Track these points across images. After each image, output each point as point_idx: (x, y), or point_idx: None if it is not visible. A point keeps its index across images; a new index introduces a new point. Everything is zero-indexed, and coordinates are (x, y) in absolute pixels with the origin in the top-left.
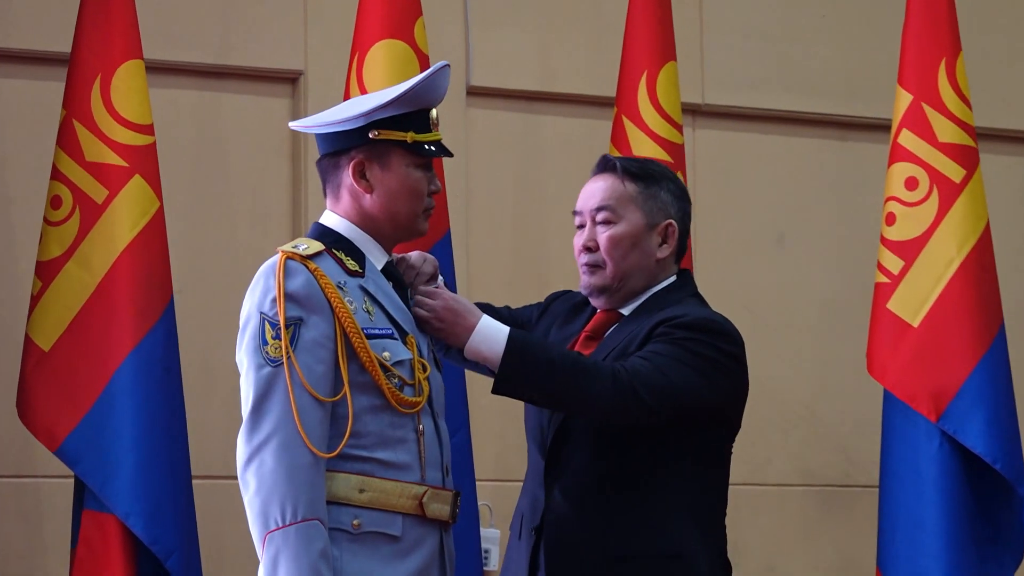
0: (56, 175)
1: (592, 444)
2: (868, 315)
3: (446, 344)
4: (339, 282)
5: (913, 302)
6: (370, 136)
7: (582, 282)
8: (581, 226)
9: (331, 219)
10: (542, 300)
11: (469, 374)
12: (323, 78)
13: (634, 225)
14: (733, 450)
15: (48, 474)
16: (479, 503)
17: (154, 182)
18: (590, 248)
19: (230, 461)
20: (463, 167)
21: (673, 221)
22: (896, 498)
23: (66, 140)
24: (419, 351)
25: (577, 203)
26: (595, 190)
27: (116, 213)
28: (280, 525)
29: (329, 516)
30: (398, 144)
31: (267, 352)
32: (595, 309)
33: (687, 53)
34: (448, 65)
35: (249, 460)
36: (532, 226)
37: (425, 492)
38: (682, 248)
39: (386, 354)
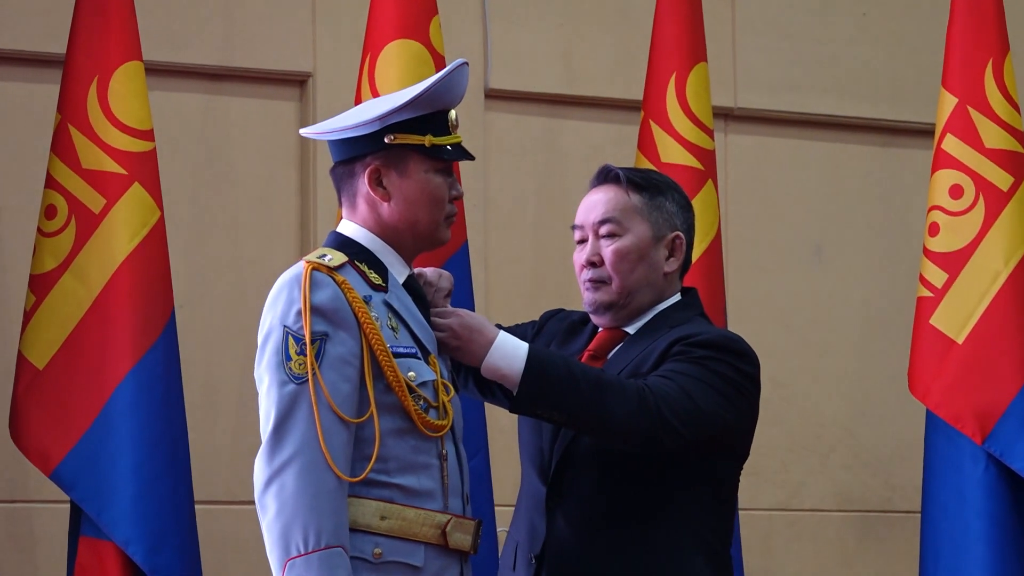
0: (51, 183)
1: (599, 470)
2: (910, 331)
3: (462, 364)
4: (364, 296)
5: (958, 317)
6: (385, 141)
7: (586, 299)
8: (582, 241)
9: (349, 228)
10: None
11: None
12: (333, 80)
13: (640, 238)
14: (768, 475)
15: (42, 499)
16: (498, 530)
17: (154, 190)
18: (594, 263)
19: (235, 486)
20: (481, 174)
21: (680, 233)
22: (939, 524)
23: (61, 146)
24: (441, 372)
25: (577, 217)
26: (597, 202)
27: (114, 223)
28: (302, 552)
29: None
30: (415, 149)
31: (291, 368)
32: (595, 327)
33: (718, 53)
34: (467, 63)
35: (269, 482)
36: (554, 236)
37: (448, 521)
38: (687, 262)
39: (411, 374)
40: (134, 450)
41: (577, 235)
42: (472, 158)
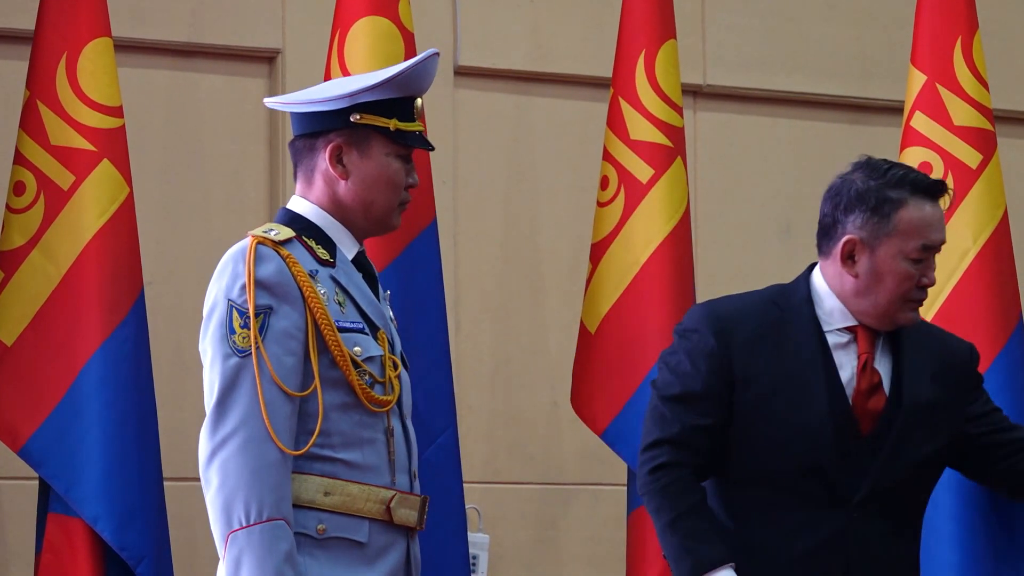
0: (19, 160)
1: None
2: None
3: None
4: (310, 271)
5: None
6: (351, 120)
7: (910, 319)
8: (922, 260)
9: (301, 205)
10: (705, 360)
11: (457, 369)
12: (302, 57)
13: None
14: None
15: (11, 476)
16: (467, 506)
17: (123, 167)
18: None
19: None
20: (451, 152)
21: None
22: None
23: (30, 123)
24: (390, 347)
25: (930, 234)
26: (941, 221)
27: (83, 200)
28: (244, 525)
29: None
30: (380, 131)
31: (234, 341)
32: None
33: (688, 31)
34: (438, 53)
35: (212, 455)
36: (524, 215)
37: (393, 497)
38: None
39: (357, 349)
40: (103, 427)
41: (921, 255)
42: (432, 148)
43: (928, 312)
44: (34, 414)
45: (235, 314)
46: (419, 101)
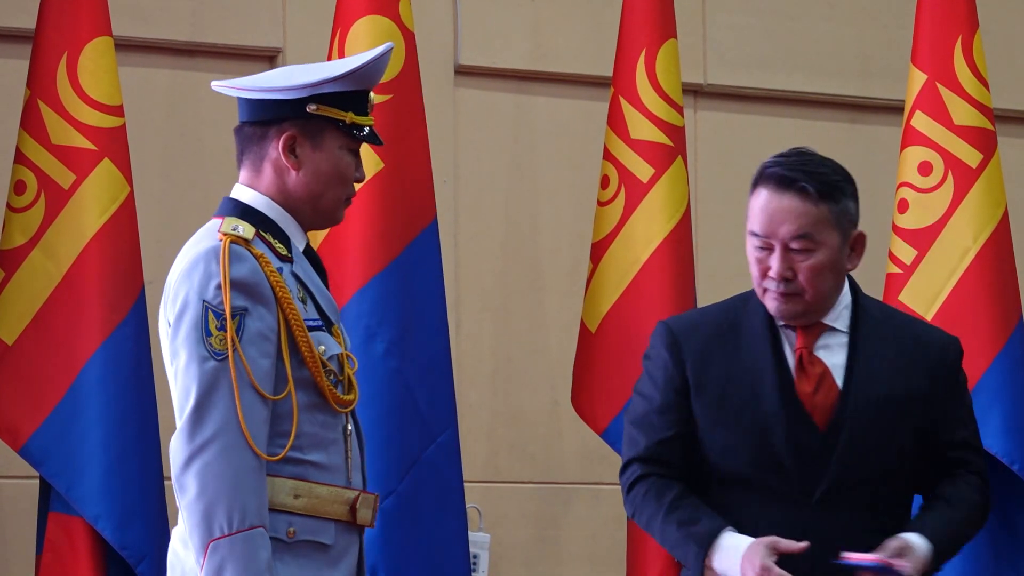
0: (20, 159)
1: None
2: None
3: None
4: (277, 268)
5: (926, 294)
6: (307, 110)
7: (774, 308)
8: (765, 248)
9: (247, 195)
10: (664, 371)
11: (457, 369)
12: (303, 56)
13: (833, 248)
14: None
15: (11, 475)
16: (468, 506)
17: (124, 166)
18: (788, 278)
19: None
20: (451, 151)
21: (863, 231)
22: None
23: (31, 122)
24: (345, 343)
25: (758, 224)
26: (786, 214)
27: (84, 199)
28: (226, 533)
29: None
30: (335, 123)
31: (211, 344)
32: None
33: (688, 30)
34: (393, 46)
35: (190, 461)
36: (524, 214)
37: (357, 497)
38: None
39: (322, 348)
40: (104, 426)
41: (759, 242)
42: (382, 143)
43: (928, 311)
44: (35, 413)
45: (211, 315)
46: (372, 95)
